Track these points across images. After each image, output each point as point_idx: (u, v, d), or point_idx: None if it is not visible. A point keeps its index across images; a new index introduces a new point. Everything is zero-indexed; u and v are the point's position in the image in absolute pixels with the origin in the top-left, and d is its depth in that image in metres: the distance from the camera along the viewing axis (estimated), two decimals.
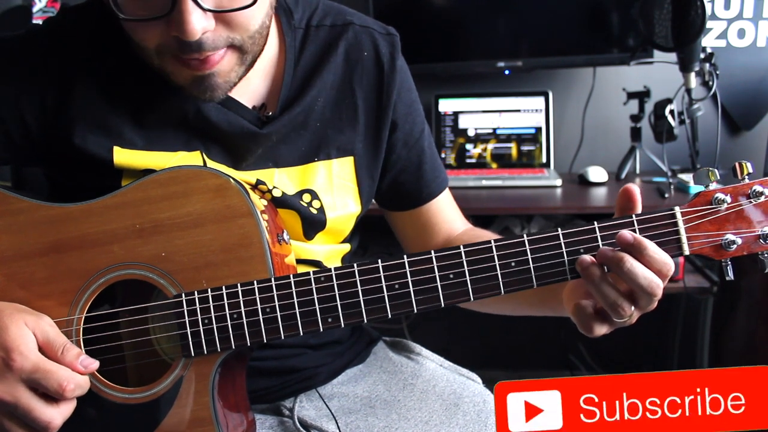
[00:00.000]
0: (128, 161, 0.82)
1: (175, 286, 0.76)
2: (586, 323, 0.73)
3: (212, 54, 0.74)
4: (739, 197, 0.71)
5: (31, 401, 0.70)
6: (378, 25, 0.95)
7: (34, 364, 0.70)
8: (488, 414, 0.91)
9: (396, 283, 0.74)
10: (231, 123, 0.85)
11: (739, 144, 2.16)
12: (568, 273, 0.72)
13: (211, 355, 0.75)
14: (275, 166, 0.88)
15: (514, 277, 0.73)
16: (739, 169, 0.71)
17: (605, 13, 2.02)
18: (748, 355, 1.77)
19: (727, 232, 0.71)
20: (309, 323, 0.74)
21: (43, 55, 0.83)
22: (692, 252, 0.71)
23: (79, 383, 0.72)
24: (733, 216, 0.71)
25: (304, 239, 0.91)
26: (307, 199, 0.89)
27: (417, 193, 0.98)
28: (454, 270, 0.73)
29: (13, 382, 0.70)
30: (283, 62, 0.89)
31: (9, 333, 0.70)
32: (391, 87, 0.92)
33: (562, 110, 2.19)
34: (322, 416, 0.92)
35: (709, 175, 0.71)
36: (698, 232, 0.71)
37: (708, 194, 0.71)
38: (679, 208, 0.71)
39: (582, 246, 0.72)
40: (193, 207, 0.76)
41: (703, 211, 0.71)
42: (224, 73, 0.77)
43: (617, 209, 0.76)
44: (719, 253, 0.71)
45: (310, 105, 0.89)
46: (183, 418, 0.75)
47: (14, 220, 0.78)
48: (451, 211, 1.03)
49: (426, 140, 0.98)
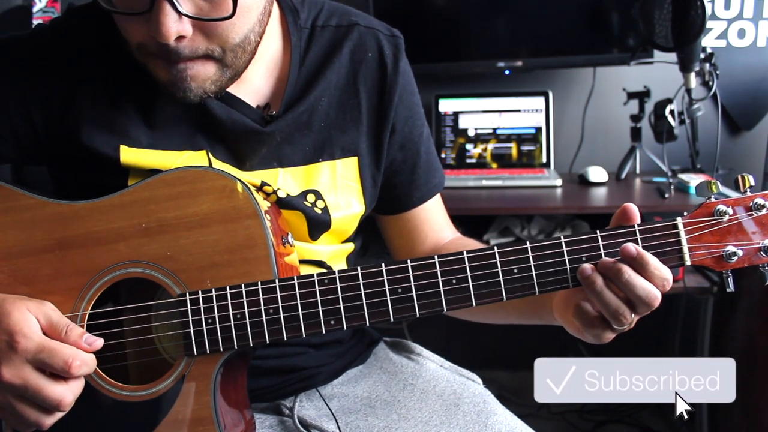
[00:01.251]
0: (135, 160, 0.82)
1: (180, 285, 0.76)
2: (590, 326, 0.74)
3: (188, 62, 0.75)
4: (741, 210, 0.72)
5: (39, 381, 0.70)
6: (383, 26, 0.95)
7: (38, 345, 0.70)
8: (488, 414, 0.91)
9: (399, 287, 0.74)
10: (235, 121, 0.85)
11: (739, 144, 2.16)
12: (570, 281, 0.73)
13: (214, 354, 0.75)
14: (279, 166, 0.88)
15: (517, 283, 0.73)
16: (741, 181, 0.72)
17: (605, 13, 2.02)
18: (748, 355, 1.77)
19: (728, 243, 0.71)
20: (312, 325, 0.74)
21: (50, 54, 0.83)
22: (693, 263, 0.72)
23: (84, 360, 0.72)
24: (734, 228, 0.72)
25: (309, 240, 0.91)
26: (311, 200, 0.89)
27: (407, 196, 0.98)
28: (457, 275, 0.73)
29: (19, 364, 0.70)
30: (288, 62, 0.89)
31: (12, 317, 0.71)
32: (393, 89, 0.92)
33: (562, 110, 2.19)
34: (322, 416, 0.92)
35: (711, 187, 0.72)
36: (700, 243, 0.72)
37: (710, 206, 0.72)
38: (681, 219, 0.72)
39: (584, 254, 0.72)
40: (199, 207, 0.77)
41: (705, 223, 0.72)
42: (199, 80, 0.77)
43: (614, 221, 0.76)
44: (720, 264, 0.72)
45: (314, 105, 0.89)
46: (184, 417, 0.76)
47: (21, 217, 0.78)
48: (441, 219, 1.03)
49: (424, 144, 0.98)
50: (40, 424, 0.72)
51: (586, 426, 2.17)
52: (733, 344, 1.83)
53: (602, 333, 0.74)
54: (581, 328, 0.75)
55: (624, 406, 2.24)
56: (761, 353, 1.71)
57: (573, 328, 0.78)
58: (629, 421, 2.18)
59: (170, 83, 0.77)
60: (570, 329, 0.79)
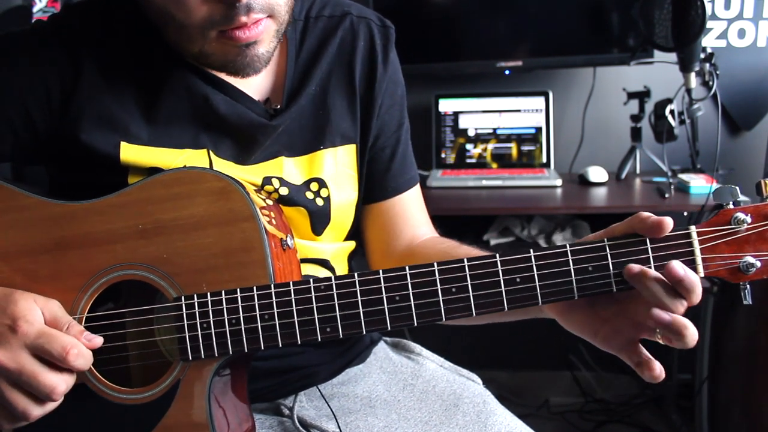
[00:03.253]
0: (135, 158, 0.82)
1: (175, 288, 0.75)
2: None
3: (259, 19, 0.74)
4: (761, 218, 0.66)
5: (35, 366, 0.70)
6: (375, 16, 0.96)
7: (39, 330, 0.71)
8: (488, 415, 0.91)
9: (397, 295, 0.71)
10: (240, 115, 0.85)
11: (739, 144, 2.16)
12: (576, 292, 0.69)
13: (209, 359, 0.75)
14: (283, 155, 0.89)
15: (519, 294, 0.69)
16: (763, 186, 0.66)
17: (605, 13, 2.02)
18: (748, 355, 1.77)
19: (746, 254, 0.66)
20: (307, 332, 0.73)
21: (48, 51, 0.83)
22: (707, 275, 0.67)
23: (82, 351, 0.72)
24: (753, 237, 0.66)
25: (313, 236, 0.91)
26: (314, 188, 0.89)
27: (382, 185, 0.98)
28: (456, 284, 0.70)
29: (17, 348, 0.70)
30: (285, 55, 0.90)
31: (18, 305, 0.71)
32: (381, 78, 0.93)
33: (562, 110, 2.19)
34: (321, 416, 0.92)
35: (732, 194, 0.67)
36: (715, 253, 0.67)
37: (728, 213, 0.67)
38: (696, 228, 0.67)
39: (591, 264, 0.68)
40: (196, 209, 0.76)
41: (721, 232, 0.67)
42: (266, 42, 0.77)
43: (626, 226, 0.70)
44: (736, 276, 0.67)
45: (313, 94, 0.90)
46: (179, 422, 0.75)
47: (20, 216, 0.78)
48: (418, 214, 1.02)
49: (403, 136, 0.99)
50: (26, 415, 0.71)
51: (586, 426, 2.17)
52: (733, 344, 1.83)
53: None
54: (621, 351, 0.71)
55: (624, 406, 2.24)
56: (761, 353, 1.71)
57: (574, 327, 0.76)
58: (629, 421, 2.17)
59: (237, 60, 0.77)
60: (570, 327, 0.76)
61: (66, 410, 0.75)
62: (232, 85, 0.86)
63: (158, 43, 0.83)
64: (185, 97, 0.84)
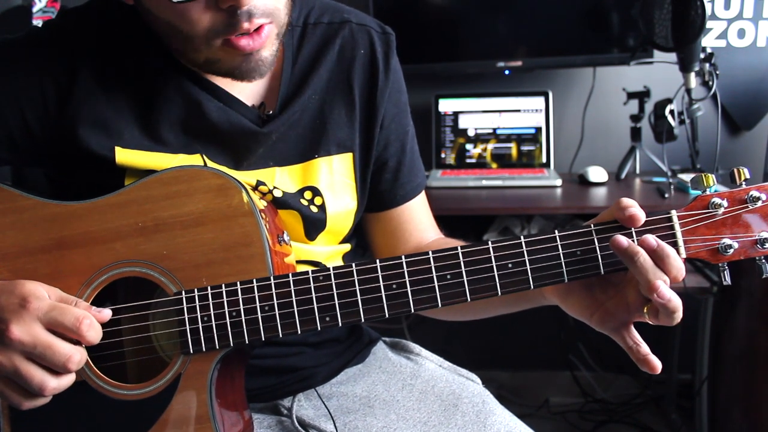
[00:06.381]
0: (130, 161, 0.83)
1: (176, 283, 0.76)
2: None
3: (261, 25, 0.75)
4: (736, 202, 0.72)
5: (49, 337, 0.71)
6: (375, 23, 0.95)
7: (50, 304, 0.72)
8: (487, 415, 0.91)
9: (393, 283, 0.74)
10: (232, 122, 0.85)
11: (739, 144, 2.16)
12: (566, 275, 0.73)
13: (210, 352, 0.76)
14: (276, 165, 0.88)
15: (511, 278, 0.73)
16: (736, 174, 0.72)
17: (605, 13, 2.02)
18: (748, 355, 1.77)
19: (724, 236, 0.71)
20: (307, 322, 0.74)
21: (44, 56, 0.83)
22: (689, 256, 0.72)
23: (93, 323, 0.73)
24: (729, 221, 0.72)
25: (306, 240, 0.91)
26: (308, 197, 0.89)
27: (391, 194, 0.98)
28: (451, 270, 0.73)
29: (30, 321, 0.71)
30: (281, 60, 0.89)
31: (25, 286, 0.73)
32: (383, 86, 0.93)
33: (562, 110, 2.19)
34: (320, 416, 0.92)
35: (705, 180, 0.72)
36: (695, 235, 0.72)
37: (705, 199, 0.72)
38: (676, 212, 0.72)
39: (578, 248, 0.73)
40: (195, 206, 0.77)
41: (700, 216, 0.72)
42: (269, 46, 0.78)
43: (607, 214, 0.74)
44: (716, 257, 0.72)
45: (308, 102, 0.89)
46: (180, 416, 0.76)
47: (19, 217, 0.79)
48: (424, 218, 1.02)
49: (409, 143, 0.99)
50: (43, 387, 0.71)
51: (586, 426, 2.17)
52: (733, 344, 1.83)
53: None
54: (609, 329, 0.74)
55: (624, 406, 2.24)
56: (761, 353, 1.71)
57: (573, 309, 0.78)
58: (629, 421, 2.17)
59: (243, 66, 0.78)
60: (569, 310, 0.78)
61: (67, 408, 0.76)
62: (226, 92, 0.85)
63: (153, 49, 0.83)
64: (179, 103, 0.84)
